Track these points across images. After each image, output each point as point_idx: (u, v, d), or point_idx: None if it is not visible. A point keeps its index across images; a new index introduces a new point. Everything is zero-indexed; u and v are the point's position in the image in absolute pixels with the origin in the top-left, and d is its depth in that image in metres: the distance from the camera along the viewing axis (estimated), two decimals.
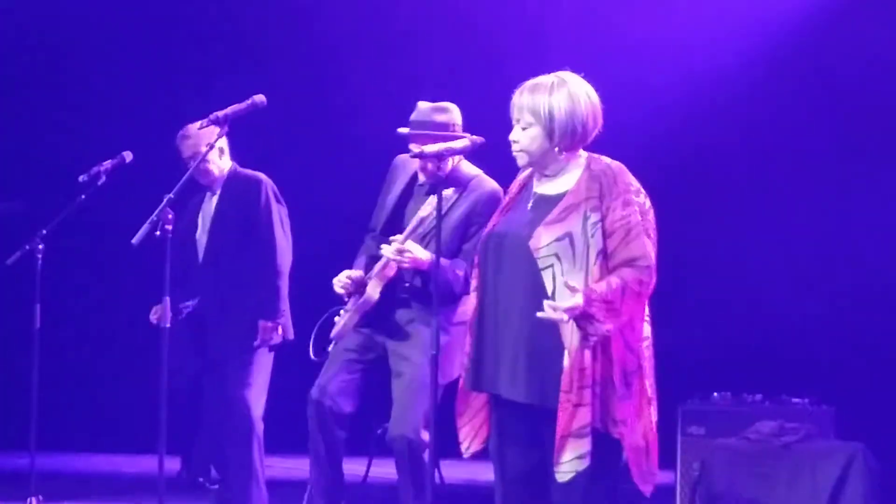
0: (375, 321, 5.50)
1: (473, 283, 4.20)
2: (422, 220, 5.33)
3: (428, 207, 5.25)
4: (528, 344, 4.02)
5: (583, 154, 4.14)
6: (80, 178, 6.23)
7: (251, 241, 6.30)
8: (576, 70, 4.16)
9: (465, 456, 4.26)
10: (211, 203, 6.42)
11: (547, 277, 3.98)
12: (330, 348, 5.56)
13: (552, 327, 3.96)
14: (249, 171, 6.46)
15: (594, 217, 3.98)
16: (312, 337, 5.60)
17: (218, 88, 7.99)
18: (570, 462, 3.93)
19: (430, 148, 4.93)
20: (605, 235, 3.97)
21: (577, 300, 3.88)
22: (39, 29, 9.39)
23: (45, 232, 6.37)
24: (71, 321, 9.17)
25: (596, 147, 4.24)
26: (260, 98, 5.47)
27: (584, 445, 3.93)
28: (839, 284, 8.41)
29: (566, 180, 4.10)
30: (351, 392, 5.50)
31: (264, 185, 6.36)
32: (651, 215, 4.09)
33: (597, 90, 4.18)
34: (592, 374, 3.92)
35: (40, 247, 6.37)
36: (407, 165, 5.63)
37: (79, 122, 9.30)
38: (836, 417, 7.33)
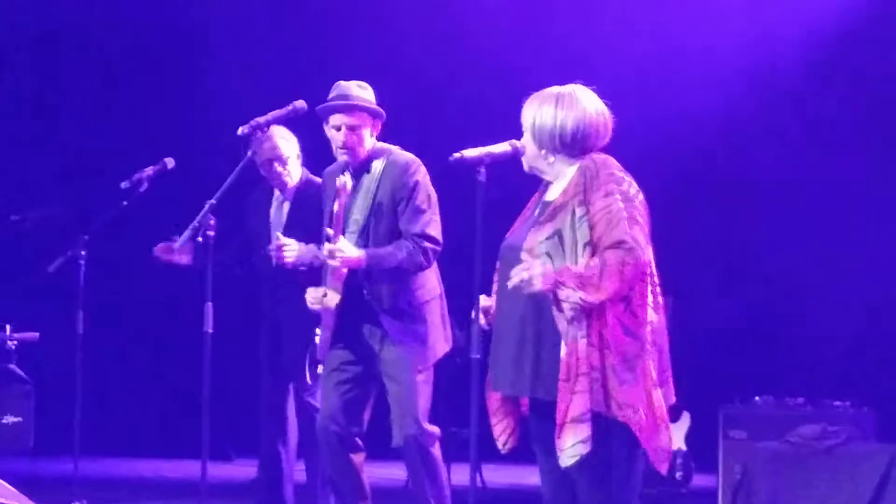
0: (347, 338, 5.40)
1: (494, 287, 4.33)
2: (367, 193, 5.34)
3: (368, 182, 5.26)
4: (530, 342, 4.13)
5: (582, 157, 4.23)
6: (123, 185, 6.27)
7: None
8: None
9: (503, 452, 4.34)
10: (283, 209, 6.46)
11: None
12: (319, 370, 5.47)
13: (550, 324, 4.07)
14: (317, 179, 6.52)
15: (580, 211, 4.08)
16: (307, 363, 5.52)
17: (263, 91, 8.02)
18: (572, 447, 4.01)
19: (471, 153, 4.92)
20: (591, 227, 4.06)
21: (548, 267, 4.01)
22: (81, 40, 9.47)
23: (87, 238, 6.42)
24: (114, 326, 9.23)
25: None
26: (300, 104, 5.48)
27: (585, 430, 4.00)
28: (881, 288, 8.37)
29: (562, 184, 4.23)
30: (353, 410, 5.40)
31: None
32: (638, 201, 4.13)
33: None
34: (589, 361, 4.00)
35: (83, 253, 6.42)
36: (332, 175, 5.53)
37: (122, 128, 9.36)
38: (877, 420, 7.30)
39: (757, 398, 7.16)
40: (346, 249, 5.21)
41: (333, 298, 5.29)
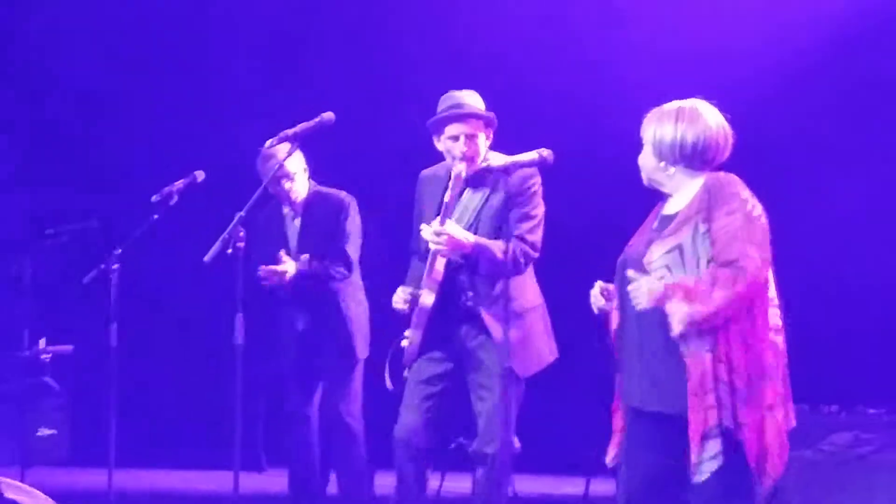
0: (441, 343, 5.38)
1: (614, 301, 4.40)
2: (467, 208, 5.31)
3: (509, 160, 5.04)
4: (650, 355, 4.23)
5: (705, 173, 4.32)
6: (153, 198, 6.31)
7: (337, 260, 6.41)
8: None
9: (609, 465, 4.48)
10: (294, 224, 6.51)
11: None
12: (406, 374, 5.44)
13: (670, 338, 4.14)
14: (332, 191, 6.54)
15: (703, 227, 4.17)
16: (387, 367, 5.54)
17: (283, 105, 8.05)
18: (706, 463, 4.11)
19: (498, 161, 4.97)
20: (711, 243, 4.15)
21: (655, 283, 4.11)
22: (106, 50, 9.53)
23: (120, 251, 6.46)
24: (147, 339, 9.27)
25: None
26: (328, 115, 5.51)
27: (717, 446, 4.11)
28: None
29: (684, 198, 4.31)
30: (433, 427, 5.39)
31: (350, 205, 6.46)
32: (760, 223, 4.20)
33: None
34: (716, 376, 4.09)
35: (115, 266, 6.45)
36: (434, 178, 5.54)
37: (152, 141, 9.42)
38: None
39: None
40: (454, 231, 5.20)
41: (429, 297, 5.27)
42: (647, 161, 4.37)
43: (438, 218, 5.22)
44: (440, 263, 5.30)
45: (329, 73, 9.24)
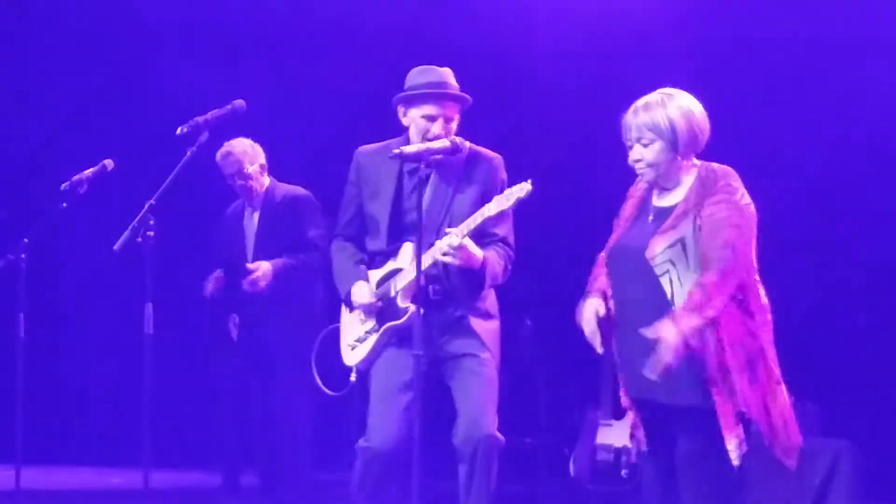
0: (407, 343, 4.96)
1: (609, 292, 4.42)
2: (434, 199, 5.01)
3: (508, 202, 4.76)
4: (652, 347, 4.18)
5: (696, 163, 4.38)
6: (62, 187, 6.22)
7: (307, 248, 6.51)
8: None
9: (635, 461, 4.79)
10: (253, 220, 6.57)
11: (665, 283, 4.24)
12: (353, 378, 5.19)
13: None
14: (289, 188, 6.59)
15: (700, 221, 4.24)
16: (314, 368, 5.46)
17: (200, 90, 7.97)
18: (737, 448, 4.19)
19: (410, 149, 4.91)
20: (700, 231, 4.22)
21: (669, 337, 4.09)
22: (10, 37, 9.38)
23: (27, 241, 6.36)
24: (55, 329, 9.14)
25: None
26: (240, 103, 5.46)
27: (741, 431, 4.22)
28: (823, 283, 8.41)
29: (681, 190, 4.36)
30: (408, 434, 4.97)
31: (307, 203, 6.47)
32: (748, 211, 4.28)
33: None
34: (721, 363, 4.16)
35: (23, 256, 6.35)
36: (380, 156, 5.15)
37: (59, 130, 9.29)
38: (821, 416, 7.34)
39: None
40: (470, 246, 4.89)
41: (408, 306, 4.97)
42: (660, 156, 4.32)
43: (455, 230, 4.88)
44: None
45: (249, 60, 9.17)
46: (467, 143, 5.11)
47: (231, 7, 9.35)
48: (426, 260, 4.88)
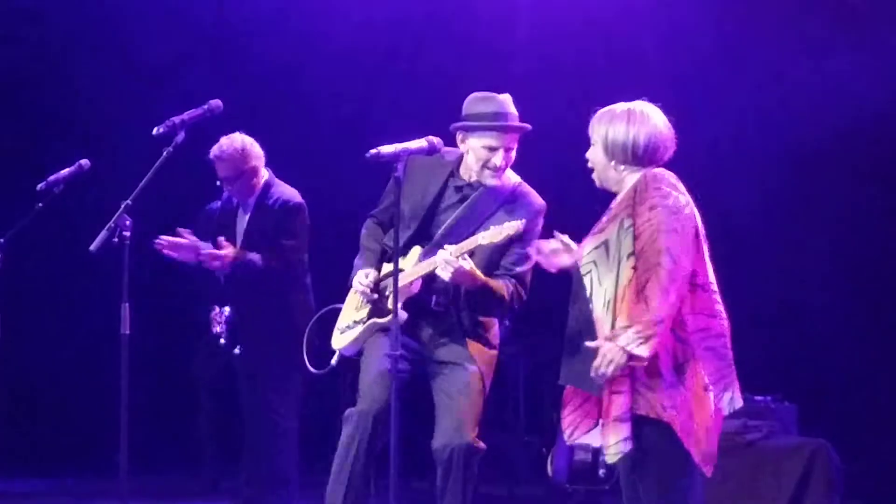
0: (402, 344, 4.97)
1: None
2: (478, 246, 4.98)
3: (499, 235, 4.91)
4: (579, 340, 4.37)
5: (641, 170, 4.45)
6: (38, 187, 6.18)
7: (283, 260, 6.47)
8: None
9: (568, 443, 4.69)
10: (244, 219, 6.51)
11: (587, 282, 4.37)
12: (334, 361, 5.29)
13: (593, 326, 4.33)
14: (285, 192, 6.55)
15: (628, 222, 4.32)
16: (305, 347, 5.45)
17: (179, 92, 7.95)
18: (614, 445, 4.26)
19: (387, 149, 4.89)
20: (635, 237, 4.28)
21: (609, 354, 4.20)
22: None
23: (2, 241, 6.32)
24: (31, 330, 9.11)
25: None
26: (216, 103, 5.45)
27: (625, 430, 4.25)
28: (799, 281, 8.44)
29: (620, 195, 4.47)
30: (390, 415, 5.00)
31: (297, 213, 6.44)
32: (683, 213, 4.31)
33: None
34: (633, 368, 4.21)
35: None
36: (430, 168, 5.23)
37: (35, 130, 9.25)
38: (798, 414, 7.36)
39: None
40: (468, 266, 4.95)
41: (400, 317, 4.87)
42: (597, 160, 4.49)
43: (455, 248, 4.96)
44: (419, 279, 5.10)
45: (224, 58, 9.16)
46: (518, 179, 5.23)
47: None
48: (424, 268, 5.02)
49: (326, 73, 9.10)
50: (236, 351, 6.47)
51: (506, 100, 5.19)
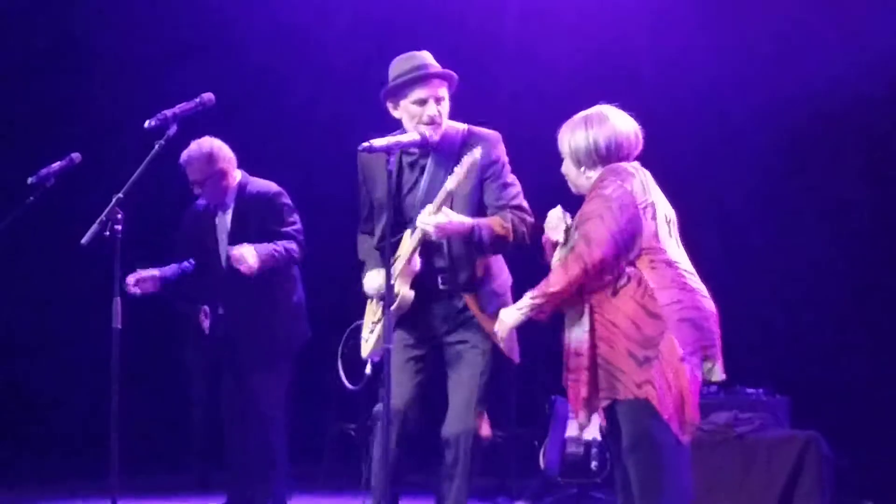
0: (414, 329, 5.16)
1: None
2: (449, 193, 4.92)
3: (462, 174, 4.86)
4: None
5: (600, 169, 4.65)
6: (29, 181, 6.17)
7: (296, 242, 6.47)
8: None
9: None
10: (225, 218, 6.50)
11: None
12: (367, 370, 5.25)
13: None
14: (261, 184, 6.53)
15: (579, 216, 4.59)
16: (340, 365, 5.42)
17: (171, 85, 7.93)
18: (574, 431, 4.76)
19: (379, 142, 4.89)
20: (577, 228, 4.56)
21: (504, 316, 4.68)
22: None
23: None
24: (22, 323, 9.10)
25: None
26: (208, 96, 5.43)
27: (585, 417, 4.55)
28: (792, 275, 8.45)
29: None
30: (421, 400, 5.16)
31: (279, 199, 6.42)
32: (615, 197, 4.47)
33: None
34: (592, 353, 4.48)
35: None
36: (378, 156, 5.06)
37: (26, 124, 9.24)
38: (790, 407, 7.37)
39: None
40: (449, 215, 4.93)
41: (405, 288, 5.02)
42: (569, 170, 4.69)
43: (431, 206, 4.93)
44: (416, 254, 5.07)
45: (212, 54, 9.15)
46: (465, 126, 5.20)
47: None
48: (414, 241, 5.01)
49: (317, 71, 9.11)
50: (220, 311, 6.47)
51: (423, 54, 5.18)
